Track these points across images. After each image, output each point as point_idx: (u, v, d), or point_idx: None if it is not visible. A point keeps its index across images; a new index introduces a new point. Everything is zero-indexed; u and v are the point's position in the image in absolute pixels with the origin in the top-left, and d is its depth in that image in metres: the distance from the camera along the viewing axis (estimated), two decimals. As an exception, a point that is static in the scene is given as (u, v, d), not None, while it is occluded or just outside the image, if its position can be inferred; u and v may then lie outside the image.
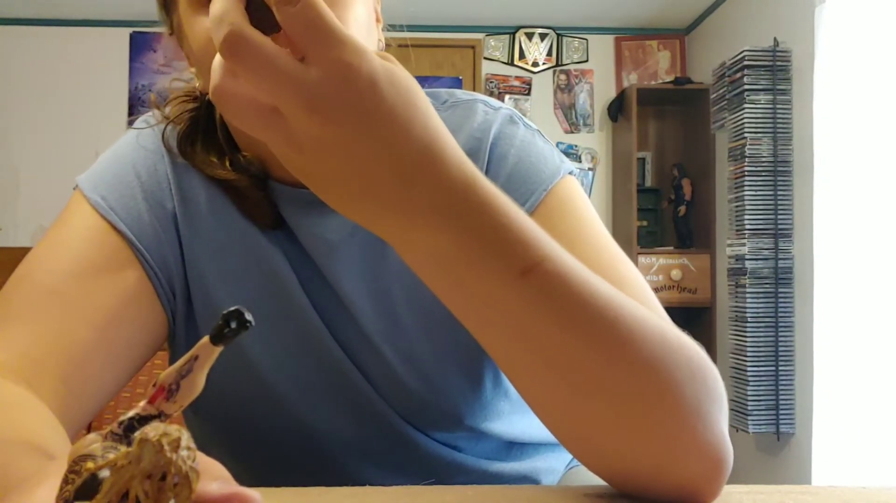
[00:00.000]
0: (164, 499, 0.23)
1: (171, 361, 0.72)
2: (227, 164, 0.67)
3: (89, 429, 1.76)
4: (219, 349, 0.28)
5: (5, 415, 0.49)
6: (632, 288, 0.57)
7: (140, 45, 4.07)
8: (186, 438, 0.24)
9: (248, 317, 0.28)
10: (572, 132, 4.16)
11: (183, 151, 0.68)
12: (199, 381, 0.29)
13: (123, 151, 0.69)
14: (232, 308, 0.28)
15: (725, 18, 3.70)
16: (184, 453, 0.24)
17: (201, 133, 0.68)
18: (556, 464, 0.82)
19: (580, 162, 4.14)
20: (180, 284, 0.67)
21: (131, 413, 0.29)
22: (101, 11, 3.95)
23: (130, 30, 4.06)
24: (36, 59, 4.01)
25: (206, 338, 0.28)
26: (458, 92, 0.75)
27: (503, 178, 0.66)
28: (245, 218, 0.67)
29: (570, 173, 0.68)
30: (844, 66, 2.77)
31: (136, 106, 4.04)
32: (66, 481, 0.27)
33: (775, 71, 3.04)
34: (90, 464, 0.26)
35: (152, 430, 0.24)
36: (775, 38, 3.06)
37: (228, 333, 0.28)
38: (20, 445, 0.45)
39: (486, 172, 0.67)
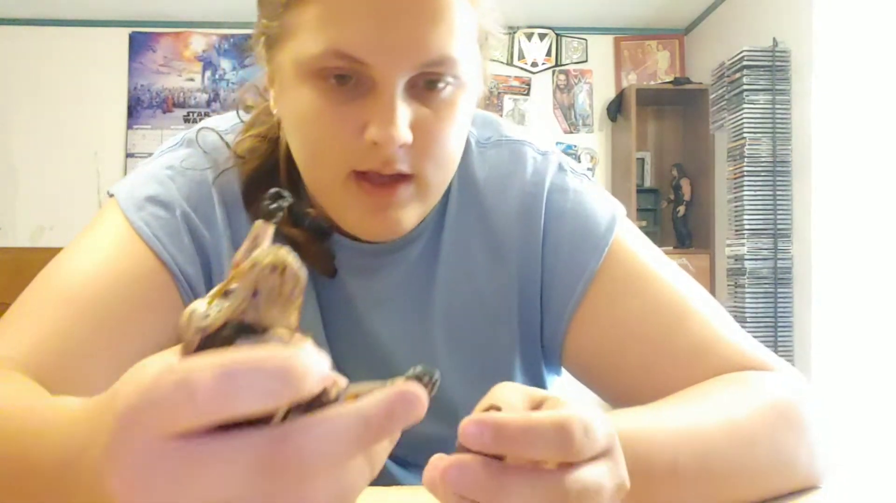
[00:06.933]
0: (286, 289, 0.28)
1: None
2: (290, 215, 0.64)
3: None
4: (272, 226, 0.32)
5: (30, 387, 0.50)
6: (693, 321, 0.62)
7: (139, 44, 4.07)
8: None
9: (284, 193, 0.32)
10: (571, 132, 4.16)
11: (247, 198, 0.65)
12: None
13: (168, 180, 0.65)
14: (272, 190, 0.32)
15: (724, 18, 3.70)
16: (291, 257, 0.28)
17: (265, 177, 0.65)
18: None
19: (579, 162, 4.13)
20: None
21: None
22: (101, 11, 3.95)
23: (130, 30, 4.06)
24: (35, 58, 4.01)
25: (259, 221, 0.32)
26: (502, 125, 0.73)
27: (566, 236, 0.67)
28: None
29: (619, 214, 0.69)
30: (843, 66, 2.77)
31: (135, 106, 4.04)
32: (186, 348, 0.28)
33: (774, 71, 3.04)
34: (201, 307, 0.28)
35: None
36: (774, 39, 3.06)
37: (274, 209, 0.31)
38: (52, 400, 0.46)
39: (545, 227, 0.67)
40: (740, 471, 0.52)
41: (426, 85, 0.57)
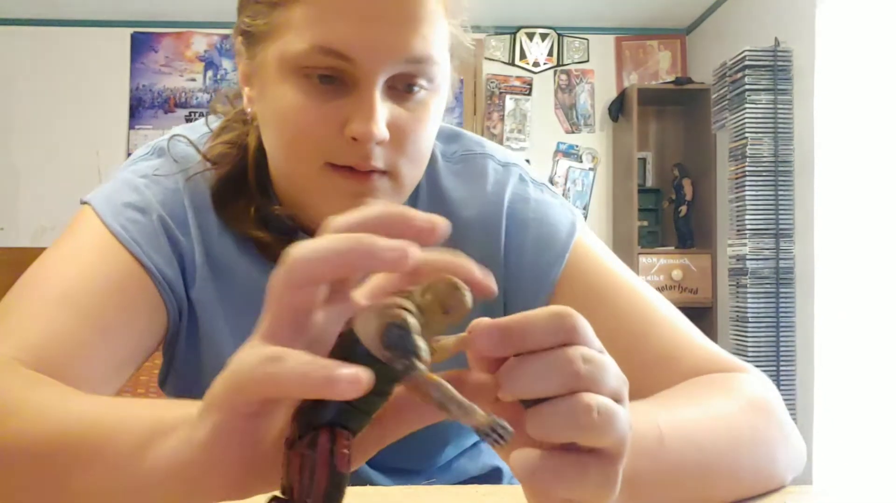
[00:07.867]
0: (458, 298, 0.35)
1: (164, 366, 0.72)
2: (254, 213, 0.67)
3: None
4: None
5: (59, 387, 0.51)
6: (662, 327, 0.64)
7: (141, 45, 4.08)
8: None
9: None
10: (573, 132, 4.16)
11: (217, 202, 0.68)
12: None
13: (144, 188, 0.68)
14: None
15: (726, 18, 3.70)
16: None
17: (234, 182, 0.68)
18: None
19: (581, 162, 4.13)
20: (186, 308, 0.68)
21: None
22: (102, 11, 3.95)
23: (131, 30, 4.06)
24: (36, 59, 4.01)
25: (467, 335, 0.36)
26: (467, 140, 0.76)
27: (529, 244, 0.69)
28: (269, 262, 0.67)
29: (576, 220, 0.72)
30: (845, 65, 2.77)
31: (136, 106, 4.05)
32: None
33: (776, 71, 3.03)
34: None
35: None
36: (776, 38, 3.06)
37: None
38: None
39: (507, 235, 0.70)
40: (724, 457, 0.52)
41: (404, 88, 0.60)
